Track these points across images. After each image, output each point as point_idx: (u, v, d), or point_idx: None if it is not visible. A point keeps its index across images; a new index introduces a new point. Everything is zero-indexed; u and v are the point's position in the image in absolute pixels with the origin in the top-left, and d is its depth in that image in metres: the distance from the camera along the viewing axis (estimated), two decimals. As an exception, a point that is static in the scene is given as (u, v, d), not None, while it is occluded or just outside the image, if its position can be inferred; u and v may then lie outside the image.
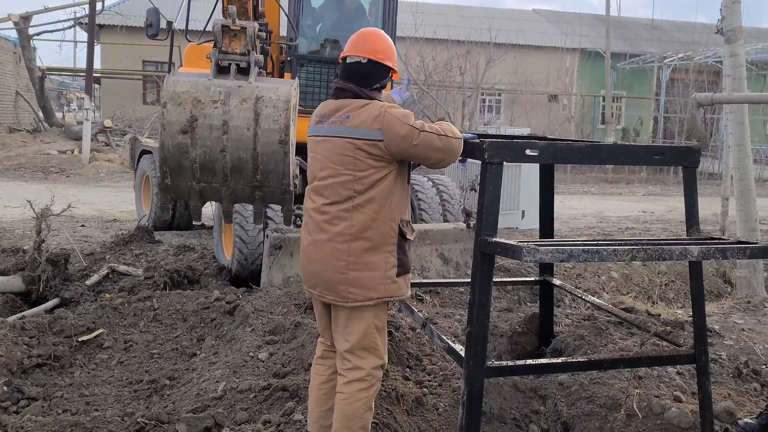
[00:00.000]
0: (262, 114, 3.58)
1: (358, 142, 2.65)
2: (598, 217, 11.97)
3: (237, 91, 3.64)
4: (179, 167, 3.56)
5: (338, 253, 2.70)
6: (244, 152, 3.58)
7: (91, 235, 7.98)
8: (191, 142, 3.56)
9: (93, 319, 4.58)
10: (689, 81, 23.94)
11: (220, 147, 3.58)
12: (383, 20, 7.08)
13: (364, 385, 2.77)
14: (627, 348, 3.87)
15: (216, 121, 3.57)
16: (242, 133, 3.58)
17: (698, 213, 2.91)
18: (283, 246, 5.80)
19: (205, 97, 3.62)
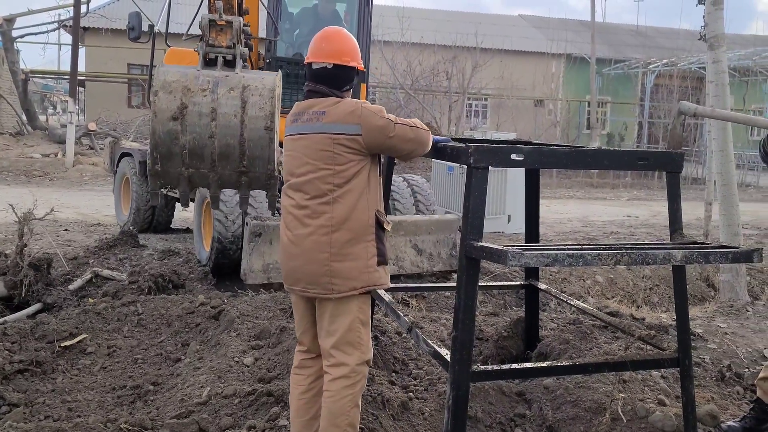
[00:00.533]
0: (248, 102, 3.74)
1: (337, 136, 2.71)
2: (584, 221, 12.04)
3: (225, 81, 3.78)
4: (169, 153, 3.68)
5: (320, 245, 2.73)
6: (232, 138, 3.72)
7: (74, 239, 7.90)
8: (181, 128, 3.69)
9: (76, 324, 4.53)
10: (673, 87, 24.19)
11: (208, 133, 3.71)
12: (358, 26, 7.36)
13: (350, 382, 2.77)
14: (612, 352, 3.88)
15: (205, 108, 3.71)
16: (230, 119, 3.73)
17: (682, 218, 2.93)
18: (262, 233, 5.96)
19: (195, 85, 3.76)
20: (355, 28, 7.34)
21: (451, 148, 2.86)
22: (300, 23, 7.66)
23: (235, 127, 3.76)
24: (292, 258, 2.83)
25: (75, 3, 16.25)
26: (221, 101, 3.77)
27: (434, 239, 6.84)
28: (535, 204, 3.94)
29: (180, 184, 3.82)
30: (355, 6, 7.45)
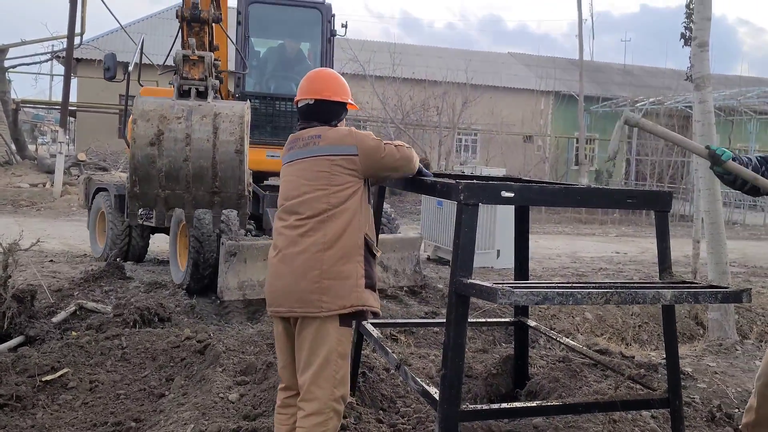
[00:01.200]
0: (220, 128, 4.07)
1: (335, 158, 2.83)
2: (572, 257, 12.06)
3: (198, 109, 4.13)
4: (147, 176, 3.98)
5: (312, 262, 2.77)
6: (205, 161, 4.04)
7: (59, 270, 7.81)
8: (158, 153, 4.00)
9: (58, 357, 4.44)
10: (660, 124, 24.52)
11: (183, 156, 4.02)
12: (321, 62, 8.01)
13: (321, 419, 2.72)
14: (601, 391, 3.85)
15: (180, 134, 4.03)
16: (203, 144, 4.05)
17: (671, 256, 2.93)
18: (237, 253, 6.36)
19: (170, 114, 4.09)
20: (318, 65, 7.92)
21: (441, 184, 2.87)
22: (267, 61, 8.34)
23: (208, 151, 4.05)
24: (279, 277, 2.86)
25: (68, 35, 16.37)
26: (195, 127, 4.06)
27: (399, 256, 7.35)
28: (524, 240, 3.94)
29: (157, 205, 4.09)
30: (317, 44, 8.09)
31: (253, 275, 6.48)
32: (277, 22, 8.43)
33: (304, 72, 9.10)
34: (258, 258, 6.52)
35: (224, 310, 6.30)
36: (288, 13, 8.36)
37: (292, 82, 8.30)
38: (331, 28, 8.08)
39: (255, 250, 6.52)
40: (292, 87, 8.20)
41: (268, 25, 8.30)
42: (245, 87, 7.77)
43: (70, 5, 16.00)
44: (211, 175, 4.12)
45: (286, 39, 8.40)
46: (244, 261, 6.42)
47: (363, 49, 22.68)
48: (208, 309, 6.31)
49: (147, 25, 25.06)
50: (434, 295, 7.38)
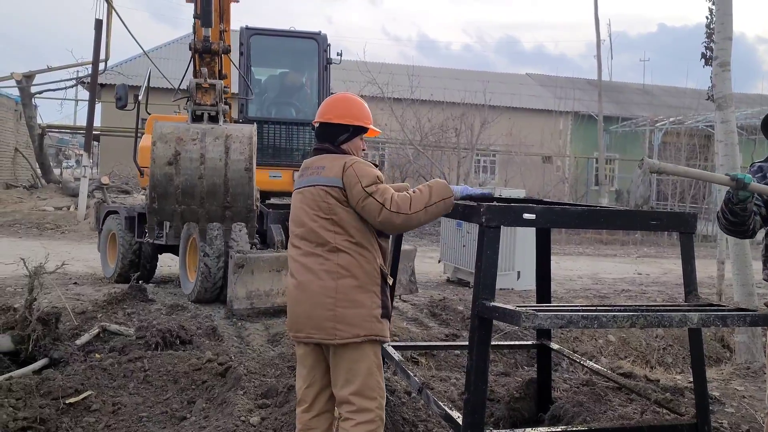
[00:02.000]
0: (231, 148, 4.58)
1: (330, 188, 2.87)
2: (594, 278, 11.94)
3: (211, 132, 4.65)
4: (165, 192, 4.47)
5: (326, 290, 2.81)
6: (218, 178, 4.57)
7: (83, 293, 7.89)
8: (176, 171, 4.51)
9: (81, 380, 4.47)
10: (681, 144, 24.34)
11: (198, 174, 4.55)
12: (318, 89, 8.65)
13: (373, 427, 2.82)
14: (627, 415, 3.79)
15: (195, 154, 4.54)
16: (216, 163, 4.57)
17: (696, 278, 2.90)
18: (245, 265, 6.89)
19: (186, 136, 4.60)
20: (316, 91, 8.67)
21: (463, 207, 2.87)
22: (267, 89, 9.00)
23: (221, 169, 4.58)
24: (297, 304, 2.90)
25: (93, 61, 16.71)
26: (208, 148, 4.56)
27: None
28: (546, 263, 3.92)
29: (174, 219, 4.64)
30: (314, 72, 8.72)
31: (260, 285, 7.05)
32: (276, 52, 9.06)
33: (302, 98, 9.60)
34: (264, 269, 7.08)
35: (245, 332, 6.32)
36: (287, 43, 9.04)
37: (291, 108, 8.97)
38: (327, 57, 8.62)
39: (261, 262, 7.04)
40: (292, 112, 8.96)
41: (268, 55, 8.91)
42: (248, 113, 8.35)
43: (95, 32, 16.36)
44: (223, 191, 4.60)
45: (286, 67, 9.07)
46: (252, 272, 6.94)
47: (381, 71, 22.85)
48: (230, 331, 6.33)
49: (169, 51, 25.53)
50: (454, 317, 7.33)
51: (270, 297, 7.14)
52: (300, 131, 8.79)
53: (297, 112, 9.01)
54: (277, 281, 7.19)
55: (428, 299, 8.32)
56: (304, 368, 2.98)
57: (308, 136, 8.72)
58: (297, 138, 8.76)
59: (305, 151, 8.69)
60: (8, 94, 22.55)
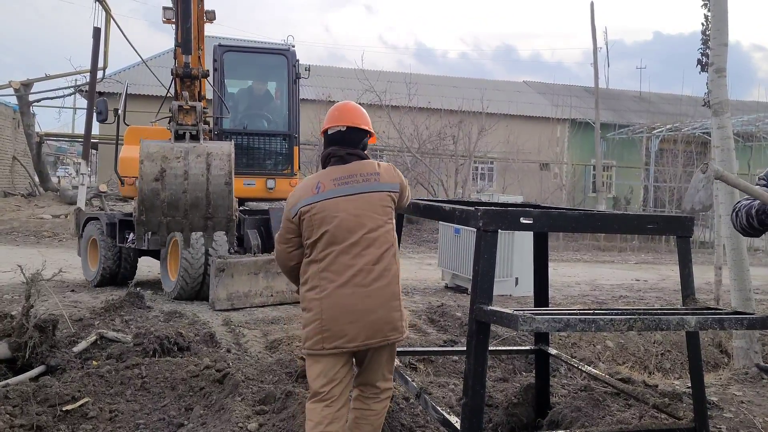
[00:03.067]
0: (212, 164, 5.09)
1: (392, 194, 3.13)
2: (592, 284, 11.94)
3: (193, 150, 5.16)
4: (152, 206, 4.92)
5: (395, 294, 3.07)
6: (200, 192, 5.05)
7: (80, 300, 7.87)
8: (161, 187, 4.98)
9: (79, 387, 4.45)
10: (678, 151, 24.40)
11: (182, 189, 5.02)
12: (288, 100, 9.20)
13: (389, 402, 3.34)
14: (625, 420, 3.78)
15: (179, 171, 5.02)
16: (198, 178, 5.06)
17: (694, 282, 2.90)
18: (225, 269, 7.57)
19: (171, 154, 5.09)
20: (285, 102, 9.26)
21: (460, 211, 2.88)
22: (239, 101, 9.50)
23: (203, 183, 5.06)
24: (370, 312, 2.98)
25: (92, 69, 16.72)
26: (191, 165, 5.05)
27: None
28: (544, 267, 3.92)
29: (160, 230, 5.04)
30: (284, 84, 9.28)
31: (240, 287, 7.77)
32: (248, 67, 9.60)
33: (273, 111, 10.15)
34: (243, 272, 7.80)
35: (243, 339, 6.31)
36: (258, 59, 9.78)
37: (263, 120, 9.48)
38: (296, 72, 9.17)
39: (241, 266, 7.76)
40: (264, 124, 9.46)
41: (240, 70, 9.44)
42: (222, 125, 8.96)
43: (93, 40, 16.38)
44: (205, 203, 5.10)
45: (257, 81, 9.63)
46: (231, 275, 7.65)
47: (379, 79, 22.90)
48: (228, 338, 6.32)
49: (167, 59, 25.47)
50: (453, 323, 7.33)
51: (249, 298, 7.82)
52: (271, 141, 9.40)
53: (268, 124, 9.57)
54: (254, 283, 7.93)
55: (426, 305, 8.31)
56: (334, 369, 3.04)
57: (279, 146, 9.37)
58: (269, 148, 9.37)
59: (277, 160, 9.31)
60: (6, 102, 22.56)
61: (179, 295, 8.19)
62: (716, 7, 6.37)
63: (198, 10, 6.58)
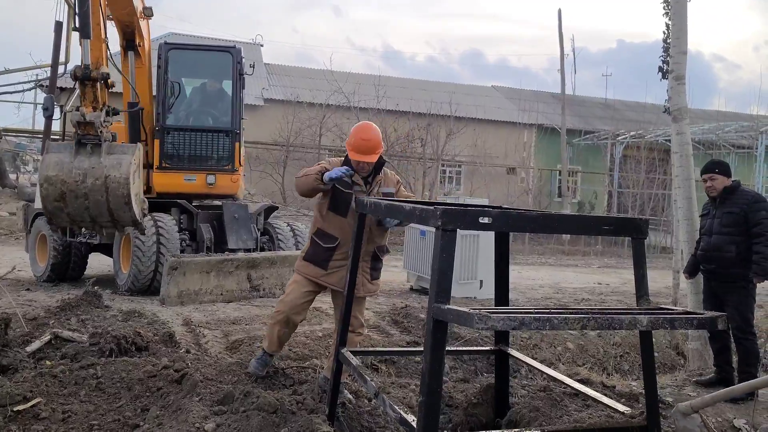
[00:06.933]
0: (110, 187, 5.51)
1: None
2: (555, 287, 12.09)
3: (91, 172, 5.53)
4: (58, 217, 5.60)
5: None
6: (102, 207, 5.54)
7: (36, 299, 7.67)
8: (64, 205, 5.49)
9: (31, 387, 4.33)
10: (641, 157, 24.88)
11: (84, 207, 5.52)
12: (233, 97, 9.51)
13: None
14: (582, 420, 3.83)
15: (79, 193, 5.47)
16: (98, 198, 5.52)
17: (648, 283, 2.95)
18: (178, 267, 7.70)
19: (70, 178, 5.49)
20: (229, 97, 9.52)
21: (420, 210, 2.87)
22: (193, 98, 9.76)
23: (103, 202, 5.52)
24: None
25: (53, 63, 16.37)
26: (90, 188, 5.48)
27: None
28: (505, 268, 3.94)
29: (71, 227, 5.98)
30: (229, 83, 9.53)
31: (191, 285, 7.85)
32: (194, 64, 9.81)
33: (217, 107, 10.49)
34: (195, 271, 7.88)
35: (203, 339, 6.22)
36: (204, 56, 10.01)
37: (207, 116, 9.66)
38: (240, 69, 9.33)
39: (193, 265, 7.86)
40: (209, 120, 9.64)
41: (186, 67, 9.61)
42: (165, 122, 9.17)
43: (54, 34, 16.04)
44: (107, 214, 5.62)
45: (203, 78, 9.82)
46: (184, 274, 7.74)
47: (348, 81, 22.89)
48: (188, 338, 6.22)
49: (133, 56, 25.09)
50: (416, 324, 7.34)
51: (198, 296, 7.93)
52: (214, 138, 9.49)
53: (213, 120, 9.67)
54: (205, 282, 8.01)
55: (390, 307, 8.31)
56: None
57: (222, 143, 9.44)
58: (211, 144, 9.46)
59: (219, 156, 9.42)
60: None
61: (131, 288, 8.31)
62: (676, 17, 6.52)
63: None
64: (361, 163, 4.24)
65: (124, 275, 8.54)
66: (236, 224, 9.31)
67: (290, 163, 21.98)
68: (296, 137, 22.66)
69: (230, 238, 9.13)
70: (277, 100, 24.59)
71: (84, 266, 9.64)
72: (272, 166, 22.03)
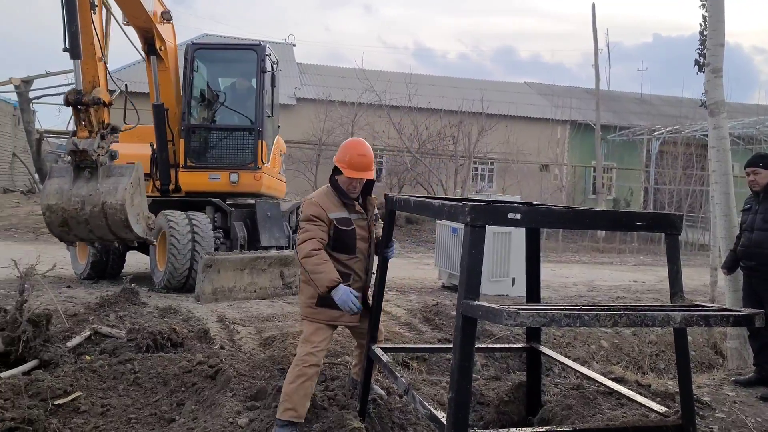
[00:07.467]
0: (108, 212, 6.05)
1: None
2: (589, 285, 11.93)
3: (89, 199, 6.12)
4: (65, 238, 6.40)
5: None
6: (102, 229, 6.14)
7: (76, 296, 7.87)
8: (68, 229, 6.17)
9: (71, 381, 4.46)
10: (678, 153, 24.39)
11: (87, 230, 6.18)
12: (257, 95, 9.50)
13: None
14: (615, 418, 3.78)
15: (80, 219, 6.10)
16: (98, 222, 6.13)
17: (682, 280, 2.90)
18: (212, 265, 7.95)
19: (69, 206, 6.13)
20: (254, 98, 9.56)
21: (449, 207, 2.87)
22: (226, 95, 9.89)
23: (103, 226, 6.11)
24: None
25: (92, 66, 16.69)
26: (89, 214, 6.06)
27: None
28: (536, 264, 3.92)
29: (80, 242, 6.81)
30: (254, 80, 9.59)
31: (225, 283, 8.07)
32: (221, 63, 10.05)
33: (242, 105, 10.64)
34: (229, 269, 8.09)
35: (237, 336, 6.31)
36: (229, 55, 10.17)
37: (234, 115, 9.70)
38: (263, 66, 9.41)
39: (227, 263, 8.08)
40: (234, 119, 9.71)
41: (213, 66, 9.87)
42: (190, 121, 9.37)
43: (93, 38, 16.36)
44: (110, 233, 6.18)
45: (229, 77, 10.03)
46: (218, 271, 7.97)
47: (379, 79, 22.91)
48: (222, 334, 6.31)
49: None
50: (447, 322, 7.32)
51: (232, 293, 8.09)
52: (236, 136, 9.57)
53: (237, 119, 9.74)
54: (239, 279, 8.19)
55: (422, 304, 8.31)
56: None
57: (244, 141, 9.48)
58: (233, 142, 9.56)
59: (242, 154, 9.44)
60: (6, 99, 22.55)
61: (167, 286, 8.49)
62: (713, 8, 6.38)
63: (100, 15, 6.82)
64: (354, 181, 3.87)
65: (160, 273, 8.71)
66: (269, 222, 9.43)
67: (322, 162, 22.09)
68: (328, 136, 22.76)
69: (263, 235, 9.24)
70: (310, 99, 24.74)
71: (122, 264, 9.86)
72: (305, 165, 22.18)
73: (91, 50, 6.34)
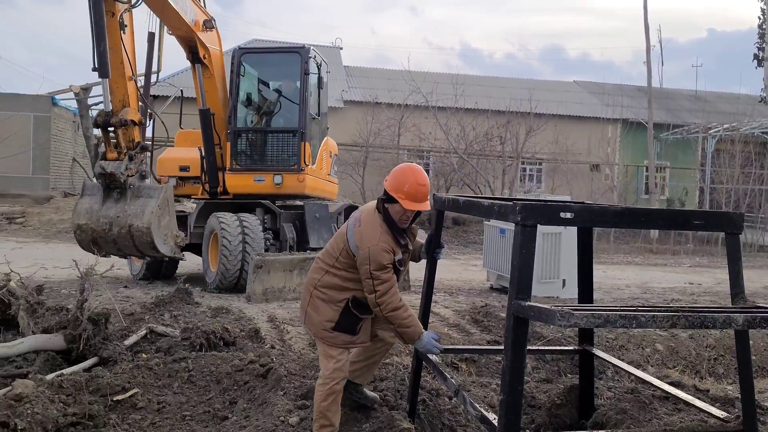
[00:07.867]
0: (134, 234, 6.51)
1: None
2: (643, 287, 11.64)
3: (116, 221, 6.62)
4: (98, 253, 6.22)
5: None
6: (130, 248, 6.69)
7: (132, 295, 8.11)
8: (98, 248, 6.42)
9: (129, 378, 4.59)
10: (735, 152, 23.57)
11: (116, 248, 6.76)
12: (300, 97, 9.60)
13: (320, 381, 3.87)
14: (672, 424, 3.68)
15: (109, 239, 6.61)
16: (126, 243, 6.62)
17: (743, 280, 2.80)
18: (263, 266, 8.11)
19: (98, 227, 6.65)
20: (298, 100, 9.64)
21: (499, 206, 2.85)
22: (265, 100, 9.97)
23: (131, 246, 6.61)
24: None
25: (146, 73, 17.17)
26: (117, 235, 6.55)
27: None
28: (588, 264, 3.85)
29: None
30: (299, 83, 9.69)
31: (275, 283, 8.21)
32: (267, 67, 10.15)
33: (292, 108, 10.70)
34: (279, 269, 8.23)
35: (287, 336, 6.39)
36: (274, 58, 10.38)
37: (279, 117, 9.85)
38: (306, 68, 9.47)
39: (277, 264, 8.24)
40: (279, 121, 9.85)
41: (259, 69, 9.97)
42: (236, 124, 9.57)
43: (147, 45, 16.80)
44: (138, 251, 6.69)
45: (274, 80, 10.12)
46: (268, 272, 8.13)
47: (425, 80, 22.86)
48: (272, 334, 6.41)
49: (218, 63, 25.99)
50: (496, 323, 7.26)
51: (282, 293, 8.27)
52: (280, 138, 9.70)
53: (282, 121, 9.88)
54: (289, 279, 8.32)
55: (470, 306, 8.26)
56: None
57: (288, 142, 9.59)
58: (277, 144, 9.70)
59: (285, 156, 9.57)
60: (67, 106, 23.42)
61: (219, 286, 8.71)
62: (773, 0, 6.14)
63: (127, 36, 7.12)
64: (408, 212, 3.56)
65: (212, 273, 8.91)
66: (317, 223, 9.52)
67: (369, 164, 22.18)
68: (375, 138, 22.84)
69: (312, 237, 9.34)
70: (357, 101, 24.87)
71: (176, 265, 10.06)
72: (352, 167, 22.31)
73: (121, 69, 6.48)
